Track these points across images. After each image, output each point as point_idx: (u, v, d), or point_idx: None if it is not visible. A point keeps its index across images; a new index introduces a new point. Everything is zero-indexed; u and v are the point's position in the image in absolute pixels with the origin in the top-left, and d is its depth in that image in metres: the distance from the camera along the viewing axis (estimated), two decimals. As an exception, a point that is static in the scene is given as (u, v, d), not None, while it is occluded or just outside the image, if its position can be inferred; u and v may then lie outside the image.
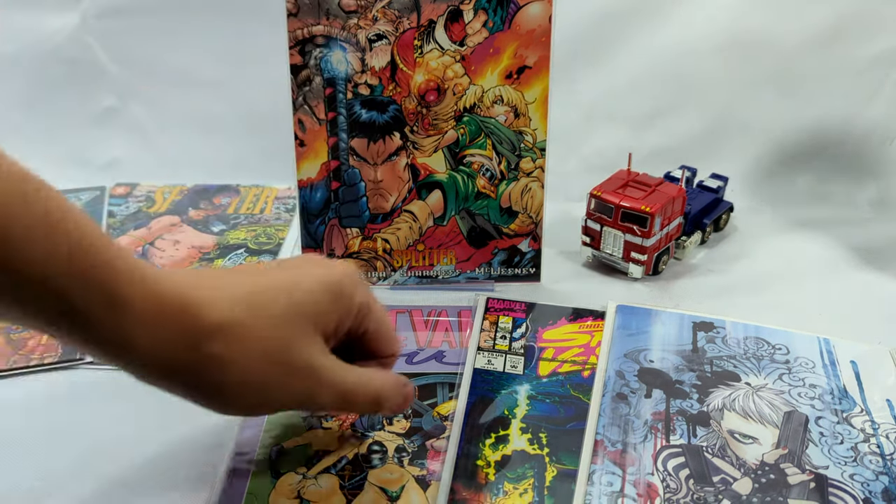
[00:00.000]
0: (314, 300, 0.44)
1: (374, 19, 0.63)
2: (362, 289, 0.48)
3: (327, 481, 0.52)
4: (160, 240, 0.81)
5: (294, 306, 0.43)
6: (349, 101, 0.66)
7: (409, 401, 0.51)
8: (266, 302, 0.42)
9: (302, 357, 0.43)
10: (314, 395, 0.44)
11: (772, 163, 0.88)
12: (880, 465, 0.52)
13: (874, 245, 0.79)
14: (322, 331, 0.45)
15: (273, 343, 0.42)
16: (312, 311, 0.44)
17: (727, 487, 0.51)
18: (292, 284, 0.44)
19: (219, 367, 0.40)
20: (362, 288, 0.48)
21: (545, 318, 0.67)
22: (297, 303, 0.43)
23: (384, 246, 0.71)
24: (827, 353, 0.62)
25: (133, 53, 0.93)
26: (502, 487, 0.51)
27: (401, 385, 0.50)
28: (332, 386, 0.45)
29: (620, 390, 0.58)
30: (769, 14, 0.86)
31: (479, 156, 0.68)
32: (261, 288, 0.43)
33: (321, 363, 0.44)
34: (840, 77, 0.86)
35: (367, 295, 0.48)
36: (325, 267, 0.47)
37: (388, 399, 0.49)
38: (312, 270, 0.46)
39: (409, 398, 0.51)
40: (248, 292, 0.42)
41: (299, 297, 0.44)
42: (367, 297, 0.48)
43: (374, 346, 0.50)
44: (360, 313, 0.47)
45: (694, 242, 0.77)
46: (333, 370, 0.45)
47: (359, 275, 0.50)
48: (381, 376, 0.49)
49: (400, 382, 0.50)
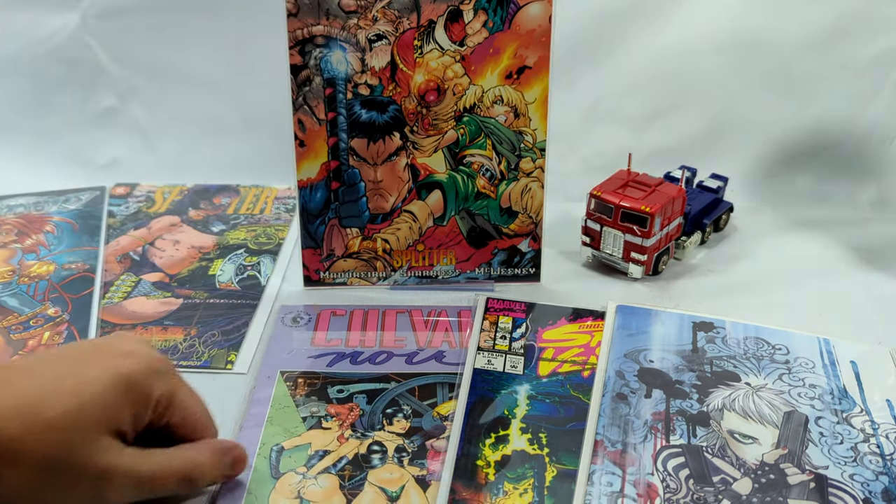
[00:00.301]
0: (101, 400, 0.42)
1: (373, 19, 0.63)
2: (163, 380, 0.46)
3: (327, 481, 0.52)
4: (160, 240, 0.81)
5: (76, 410, 0.41)
6: (349, 101, 0.66)
7: (239, 464, 0.49)
8: (43, 410, 0.41)
9: (85, 461, 0.42)
10: (104, 494, 0.43)
11: (772, 163, 0.88)
12: (880, 465, 0.52)
13: (874, 245, 0.79)
14: (112, 428, 0.43)
15: (51, 452, 0.41)
16: (98, 413, 0.42)
17: (727, 487, 0.51)
18: (76, 385, 0.42)
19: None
20: (163, 379, 0.46)
21: (545, 319, 0.67)
22: (80, 405, 0.42)
23: (384, 246, 0.71)
24: (827, 353, 0.62)
25: (133, 53, 0.93)
26: (502, 487, 0.51)
27: (221, 453, 0.48)
28: (126, 479, 0.43)
29: (620, 390, 0.58)
30: (769, 14, 0.86)
31: (479, 156, 0.68)
32: (37, 396, 0.41)
33: (108, 461, 0.42)
34: (840, 77, 0.86)
35: (169, 385, 0.46)
36: (119, 358, 0.44)
37: (202, 473, 0.47)
38: (103, 364, 0.44)
39: (238, 462, 0.49)
40: (22, 404, 0.41)
41: (84, 398, 0.42)
42: (169, 387, 0.46)
43: (181, 433, 0.48)
44: (159, 405, 0.46)
45: (694, 243, 0.77)
46: (125, 464, 0.43)
47: (162, 363, 0.46)
48: (188, 453, 0.47)
49: (220, 450, 0.48)
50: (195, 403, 0.48)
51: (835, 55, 0.85)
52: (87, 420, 0.42)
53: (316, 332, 0.66)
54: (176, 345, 0.65)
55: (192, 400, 0.48)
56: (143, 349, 0.46)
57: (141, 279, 0.74)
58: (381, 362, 0.62)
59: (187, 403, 0.48)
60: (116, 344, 0.46)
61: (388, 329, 0.66)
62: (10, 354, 0.64)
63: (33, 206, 0.86)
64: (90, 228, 0.82)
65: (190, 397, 0.48)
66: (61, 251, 0.78)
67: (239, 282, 0.74)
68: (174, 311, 0.70)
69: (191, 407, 0.48)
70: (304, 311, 0.69)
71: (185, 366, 0.63)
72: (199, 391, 0.50)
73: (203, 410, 0.49)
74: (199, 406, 0.49)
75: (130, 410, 0.44)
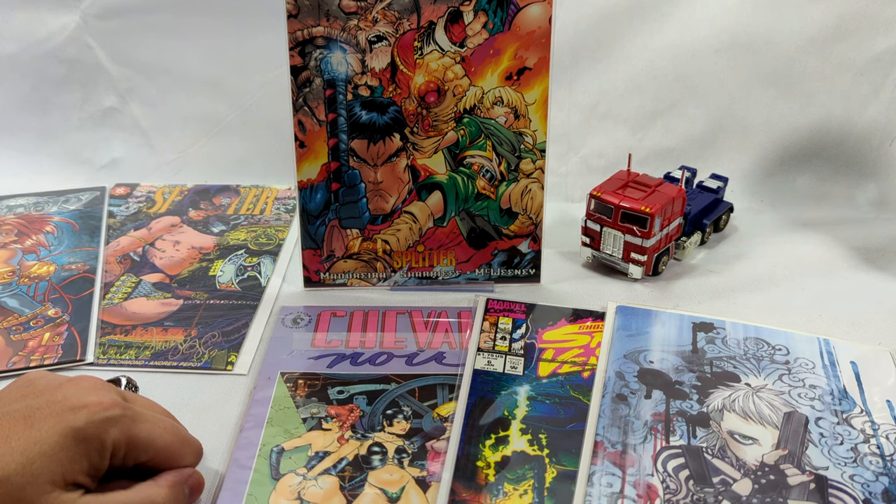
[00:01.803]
0: (52, 456, 0.43)
1: (374, 21, 0.63)
2: (118, 427, 0.45)
3: (327, 482, 0.52)
4: (160, 240, 0.81)
5: (25, 466, 0.42)
6: (349, 102, 0.66)
7: (196, 491, 0.50)
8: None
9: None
10: None
11: (772, 163, 0.88)
12: (880, 465, 0.53)
13: (874, 245, 0.79)
14: (67, 481, 0.43)
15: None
16: (50, 468, 0.43)
17: (727, 488, 0.51)
18: (25, 445, 0.43)
19: None
20: (118, 426, 0.45)
21: (545, 319, 0.67)
22: (29, 462, 0.42)
23: (384, 247, 0.71)
24: (827, 353, 0.62)
25: (133, 53, 0.93)
26: (502, 488, 0.51)
27: (179, 485, 0.48)
28: None
29: (620, 391, 0.58)
30: (769, 14, 0.86)
31: (479, 157, 0.68)
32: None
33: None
34: (840, 77, 0.86)
35: (125, 432, 0.46)
36: (70, 413, 0.44)
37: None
38: (53, 421, 0.44)
39: (196, 489, 0.49)
40: None
41: (32, 456, 0.42)
42: (125, 434, 0.46)
43: (155, 466, 0.48)
44: (117, 452, 0.46)
45: (694, 243, 0.78)
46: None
47: (117, 409, 0.46)
48: (148, 491, 0.47)
49: (177, 483, 0.48)
50: (162, 436, 0.48)
51: (835, 55, 0.85)
52: (39, 475, 0.42)
53: (316, 333, 0.66)
54: (176, 346, 0.65)
55: (158, 433, 0.48)
56: (95, 399, 0.46)
57: (141, 280, 0.74)
58: (381, 363, 0.63)
59: (152, 439, 0.47)
60: (70, 397, 0.46)
61: (389, 330, 0.66)
62: (10, 355, 0.64)
63: (33, 207, 0.86)
64: (90, 229, 0.82)
65: (154, 432, 0.48)
66: (61, 252, 0.78)
67: (239, 283, 0.74)
68: (174, 312, 0.70)
69: (157, 441, 0.47)
70: (305, 312, 0.69)
71: (185, 367, 0.63)
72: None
73: (173, 439, 0.49)
74: (168, 436, 0.48)
75: (84, 462, 0.44)
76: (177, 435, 0.49)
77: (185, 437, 0.50)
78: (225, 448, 0.55)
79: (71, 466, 0.44)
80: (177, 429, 0.50)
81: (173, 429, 0.49)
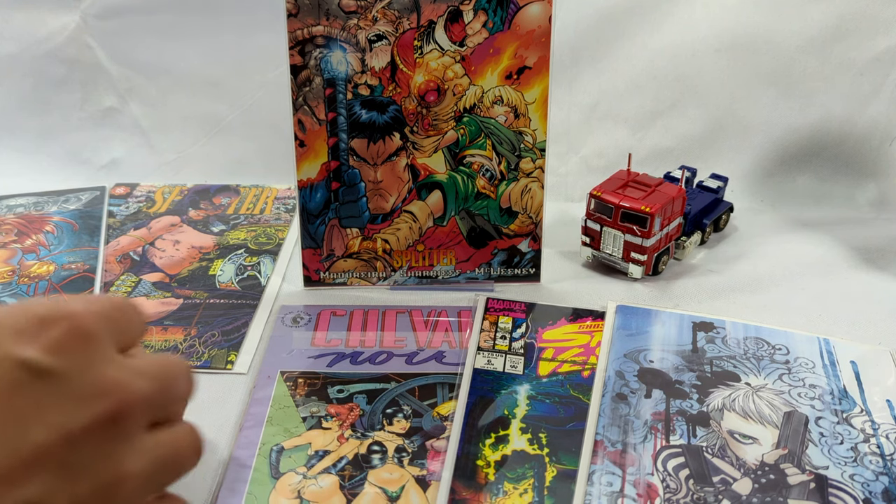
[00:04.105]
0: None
1: (373, 20, 0.63)
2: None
3: (327, 481, 0.52)
4: (160, 240, 0.81)
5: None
6: (349, 101, 0.66)
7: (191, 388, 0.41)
8: None
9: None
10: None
11: (772, 163, 0.88)
12: (880, 465, 0.52)
13: (874, 245, 0.79)
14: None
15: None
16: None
17: (727, 488, 0.51)
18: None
19: None
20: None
21: (545, 319, 0.67)
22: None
23: (384, 246, 0.71)
24: (827, 353, 0.62)
25: (133, 53, 0.93)
26: (502, 487, 0.51)
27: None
28: None
29: (620, 390, 0.58)
30: (769, 14, 0.86)
31: (479, 156, 0.68)
32: None
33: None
34: (840, 77, 0.86)
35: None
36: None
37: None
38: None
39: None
40: None
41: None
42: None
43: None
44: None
45: (694, 243, 0.77)
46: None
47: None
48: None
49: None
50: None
51: (835, 55, 0.85)
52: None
53: (316, 333, 0.66)
54: (176, 345, 0.65)
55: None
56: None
57: (141, 279, 0.74)
58: (381, 362, 0.63)
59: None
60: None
61: (388, 329, 0.66)
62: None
63: (33, 206, 0.86)
64: (90, 228, 0.82)
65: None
66: (61, 251, 0.78)
67: (239, 282, 0.74)
68: (174, 312, 0.70)
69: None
70: (304, 312, 0.69)
71: (185, 366, 0.63)
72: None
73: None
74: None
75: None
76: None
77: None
78: (225, 447, 0.55)
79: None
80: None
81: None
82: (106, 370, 0.34)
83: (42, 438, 0.31)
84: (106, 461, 0.33)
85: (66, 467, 0.31)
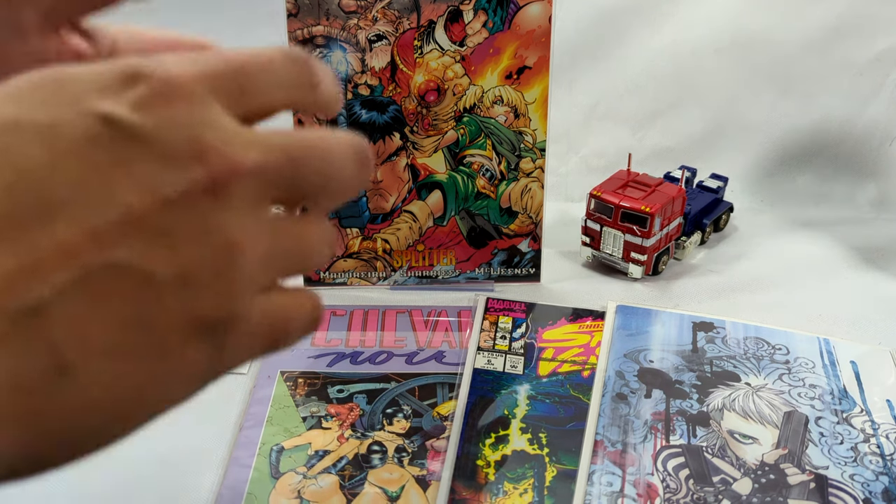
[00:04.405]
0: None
1: (373, 20, 0.63)
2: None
3: (327, 481, 0.52)
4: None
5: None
6: (349, 101, 0.66)
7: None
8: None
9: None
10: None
11: (772, 163, 0.88)
12: (880, 465, 0.52)
13: (874, 245, 0.79)
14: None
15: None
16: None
17: (727, 487, 0.51)
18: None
19: None
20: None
21: (545, 319, 0.67)
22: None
23: (384, 246, 0.71)
24: (827, 353, 0.62)
25: (133, 53, 0.93)
26: (502, 487, 0.51)
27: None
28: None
29: (620, 390, 0.58)
30: (769, 14, 0.86)
31: (479, 156, 0.68)
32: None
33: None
34: (840, 77, 0.86)
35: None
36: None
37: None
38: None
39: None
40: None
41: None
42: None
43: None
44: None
45: (694, 243, 0.77)
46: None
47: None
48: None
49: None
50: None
51: (835, 55, 0.85)
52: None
53: (316, 332, 0.66)
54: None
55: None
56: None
57: (141, 279, 0.74)
58: (381, 362, 0.62)
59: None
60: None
61: (388, 329, 0.66)
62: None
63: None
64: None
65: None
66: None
67: (239, 282, 0.74)
68: (174, 311, 0.70)
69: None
70: (304, 311, 0.69)
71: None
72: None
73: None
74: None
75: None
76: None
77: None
78: (225, 447, 0.55)
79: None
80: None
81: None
82: (204, 133, 0.30)
83: (133, 200, 0.27)
84: (213, 232, 0.28)
85: (165, 234, 0.27)
